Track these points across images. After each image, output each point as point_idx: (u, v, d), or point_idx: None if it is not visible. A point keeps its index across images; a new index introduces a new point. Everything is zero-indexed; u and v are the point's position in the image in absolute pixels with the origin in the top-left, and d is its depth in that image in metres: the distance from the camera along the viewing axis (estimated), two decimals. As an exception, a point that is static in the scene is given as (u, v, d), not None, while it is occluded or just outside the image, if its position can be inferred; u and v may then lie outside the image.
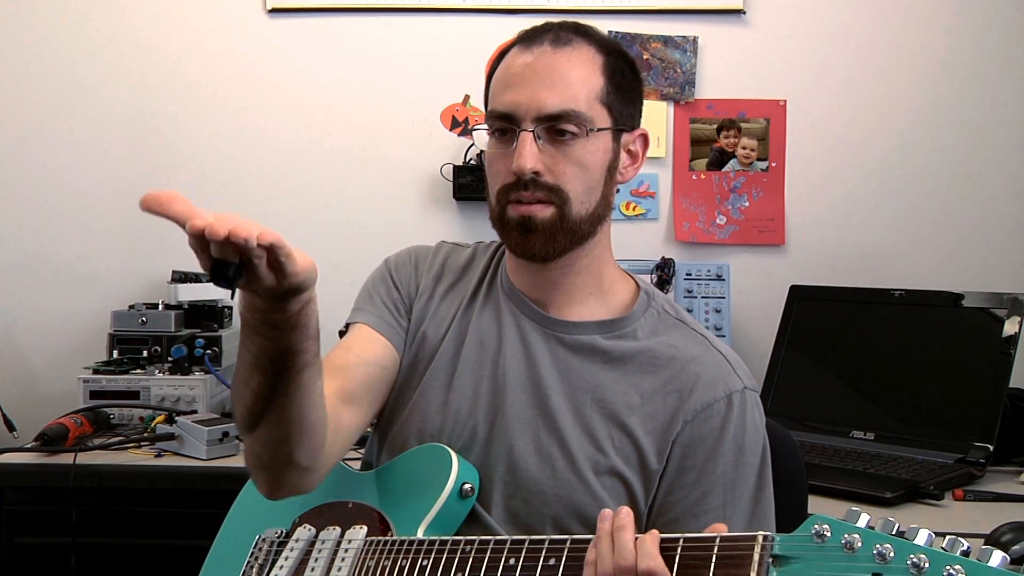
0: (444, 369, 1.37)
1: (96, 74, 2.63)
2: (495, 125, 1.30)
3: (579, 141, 1.27)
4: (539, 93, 1.25)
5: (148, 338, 2.39)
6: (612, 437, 1.29)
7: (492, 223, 1.33)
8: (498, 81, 1.31)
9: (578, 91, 1.27)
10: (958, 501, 1.88)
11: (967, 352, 2.17)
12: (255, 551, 1.39)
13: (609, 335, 1.33)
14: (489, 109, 1.32)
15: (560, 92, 1.26)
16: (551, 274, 1.33)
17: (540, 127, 1.26)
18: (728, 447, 1.27)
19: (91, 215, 2.64)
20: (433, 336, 1.40)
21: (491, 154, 1.32)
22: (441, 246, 1.49)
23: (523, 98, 1.26)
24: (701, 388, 1.29)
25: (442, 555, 1.20)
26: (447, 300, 1.42)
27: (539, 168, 1.25)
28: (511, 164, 1.26)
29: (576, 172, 1.27)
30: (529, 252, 1.29)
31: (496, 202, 1.30)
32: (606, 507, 1.12)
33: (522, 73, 1.27)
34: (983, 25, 2.62)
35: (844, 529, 0.92)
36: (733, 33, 2.64)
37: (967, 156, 2.64)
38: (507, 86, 1.28)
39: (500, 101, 1.29)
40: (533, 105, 1.25)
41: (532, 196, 1.26)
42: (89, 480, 2.01)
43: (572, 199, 1.27)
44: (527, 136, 1.25)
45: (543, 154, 1.26)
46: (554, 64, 1.27)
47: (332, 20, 2.65)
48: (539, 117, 1.25)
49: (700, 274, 2.53)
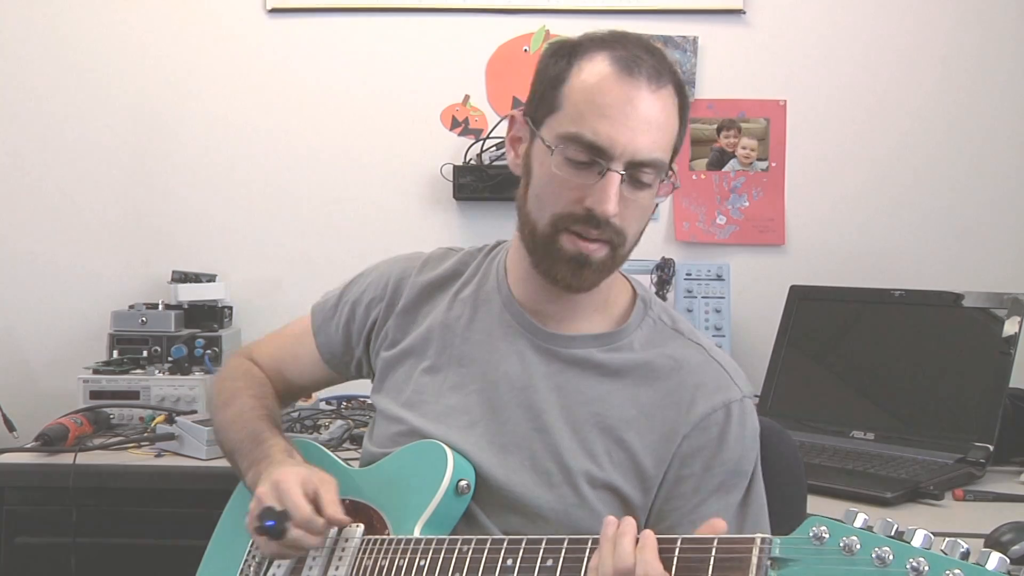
0: (430, 381, 1.37)
1: (95, 74, 2.63)
2: (577, 152, 1.22)
3: (650, 189, 1.25)
4: (639, 137, 1.20)
5: (148, 338, 2.39)
6: (609, 452, 1.28)
7: (529, 240, 1.29)
8: (588, 101, 1.22)
9: (666, 139, 1.24)
10: (958, 501, 1.87)
11: (967, 352, 2.17)
12: (252, 550, 1.39)
13: (605, 348, 1.32)
14: (575, 132, 1.21)
15: (654, 139, 1.22)
16: (565, 293, 1.31)
17: (627, 171, 1.22)
18: (727, 456, 1.27)
19: (91, 215, 2.64)
20: (413, 346, 1.40)
21: (559, 175, 1.23)
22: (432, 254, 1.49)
23: (623, 138, 1.20)
24: (700, 399, 1.29)
25: (439, 555, 1.20)
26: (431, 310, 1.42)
27: (618, 212, 1.22)
28: (583, 195, 1.22)
29: (639, 217, 1.26)
30: (577, 287, 1.27)
31: (549, 225, 1.25)
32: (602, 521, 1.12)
33: (623, 109, 1.21)
34: (983, 25, 2.62)
35: (843, 531, 0.92)
36: (733, 33, 2.64)
37: (967, 156, 2.64)
38: (603, 115, 1.21)
39: (594, 130, 1.20)
40: (630, 148, 1.20)
41: (599, 236, 1.24)
42: (89, 480, 2.00)
43: (628, 242, 1.27)
44: (616, 178, 1.20)
45: (621, 196, 1.22)
46: (653, 107, 1.22)
47: (332, 20, 2.65)
48: (632, 162, 1.21)
49: (700, 274, 2.53)
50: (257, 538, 1.27)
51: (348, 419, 2.28)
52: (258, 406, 1.47)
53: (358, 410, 2.38)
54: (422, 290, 1.44)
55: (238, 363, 1.59)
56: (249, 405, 1.47)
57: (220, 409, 1.51)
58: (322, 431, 2.21)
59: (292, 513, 1.24)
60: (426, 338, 1.40)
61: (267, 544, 1.26)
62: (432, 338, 1.39)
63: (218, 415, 1.51)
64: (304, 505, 1.24)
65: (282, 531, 1.23)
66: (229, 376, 1.56)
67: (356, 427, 2.24)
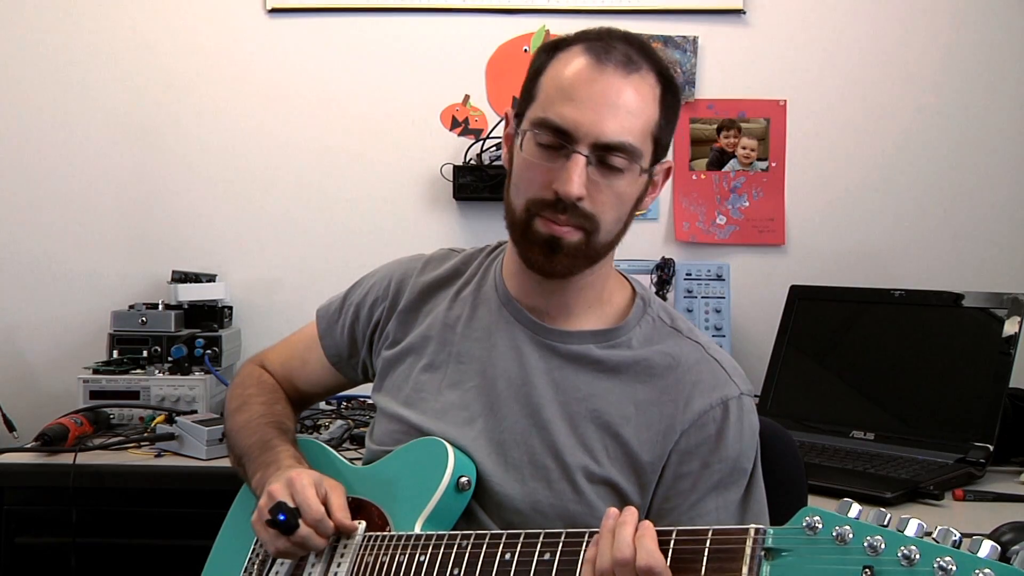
0: (430, 378, 1.37)
1: (95, 75, 2.64)
2: (545, 136, 1.23)
3: (626, 175, 1.24)
4: (603, 119, 1.21)
5: (148, 338, 2.39)
6: (607, 447, 1.28)
7: (509, 228, 1.30)
8: (556, 86, 1.24)
9: (637, 123, 1.23)
10: (958, 501, 1.87)
11: (967, 352, 2.17)
12: (256, 548, 1.39)
13: (604, 345, 1.33)
14: (542, 116, 1.23)
15: (622, 122, 1.22)
16: (554, 286, 1.32)
17: (594, 153, 1.22)
18: (725, 454, 1.27)
19: (91, 215, 2.64)
20: (415, 344, 1.40)
21: (529, 160, 1.25)
22: (433, 255, 1.49)
23: (586, 120, 1.21)
24: (697, 396, 1.29)
25: (439, 550, 1.20)
26: (433, 309, 1.42)
27: (583, 195, 1.22)
28: (551, 178, 1.22)
29: (613, 203, 1.25)
30: (549, 271, 1.27)
31: (524, 211, 1.26)
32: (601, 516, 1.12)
33: (588, 91, 1.21)
34: (983, 25, 2.62)
35: (835, 521, 0.92)
36: (733, 33, 2.64)
37: (967, 156, 2.64)
38: (568, 98, 1.22)
39: (559, 114, 1.22)
40: (594, 130, 1.21)
41: (567, 220, 1.24)
42: (89, 480, 2.00)
43: (602, 228, 1.26)
44: (580, 160, 1.21)
45: (589, 180, 1.22)
46: (622, 90, 1.22)
47: (332, 20, 2.65)
48: (596, 144, 1.21)
49: (700, 274, 2.53)
50: (264, 533, 1.27)
51: (348, 419, 2.29)
52: (268, 413, 1.49)
53: (358, 410, 2.38)
54: (423, 290, 1.44)
55: (250, 370, 1.60)
56: (259, 412, 1.48)
57: (231, 416, 1.52)
58: (322, 431, 2.21)
59: (304, 511, 1.25)
60: (426, 336, 1.40)
61: (274, 539, 1.26)
62: (432, 336, 1.40)
63: (229, 422, 1.53)
64: (317, 504, 1.25)
65: (293, 527, 1.23)
66: (241, 383, 1.58)
67: (356, 427, 2.24)
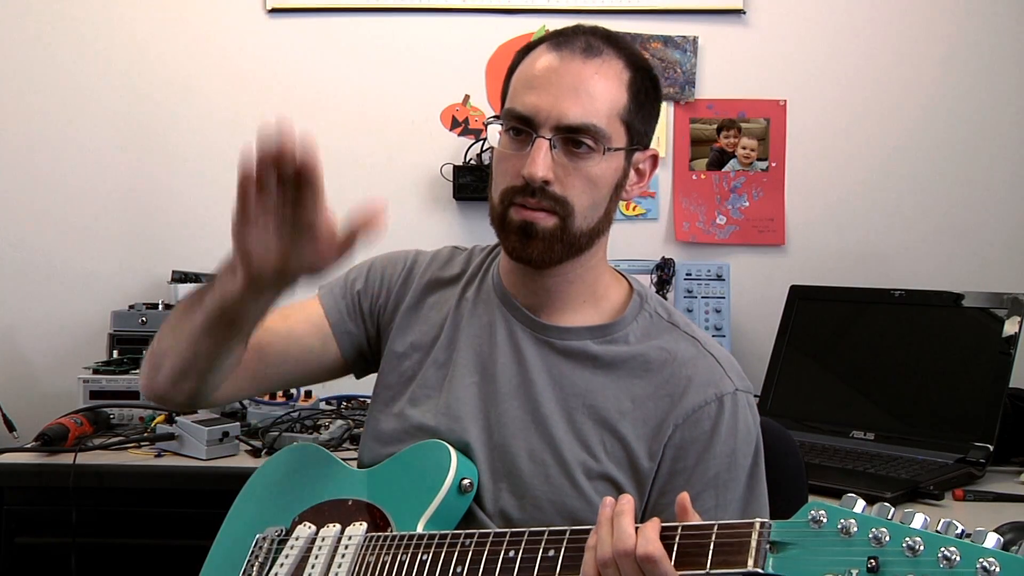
0: (435, 375, 1.37)
1: (95, 75, 2.64)
2: (511, 124, 1.27)
3: (593, 157, 1.25)
4: (562, 102, 1.23)
5: (148, 338, 2.35)
6: (604, 442, 1.29)
7: (491, 220, 1.32)
8: (521, 79, 1.28)
9: (601, 106, 1.24)
10: (958, 501, 1.87)
11: (967, 352, 2.17)
12: (255, 550, 1.39)
13: (600, 340, 1.33)
14: (507, 107, 1.28)
15: (583, 104, 1.23)
16: (545, 280, 1.33)
17: (557, 136, 1.23)
18: (719, 450, 1.27)
19: (91, 215, 2.64)
20: (422, 341, 1.40)
21: (502, 152, 1.29)
22: (439, 252, 1.49)
23: (545, 104, 1.23)
24: (692, 391, 1.29)
25: (442, 549, 1.20)
26: (439, 305, 1.42)
27: (550, 177, 1.23)
28: (521, 167, 1.24)
29: (585, 187, 1.26)
30: (526, 257, 1.28)
31: (499, 201, 1.28)
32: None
33: (548, 77, 1.25)
34: (983, 25, 2.62)
35: (840, 514, 0.93)
36: (733, 33, 2.64)
37: (967, 156, 2.64)
38: (530, 87, 1.25)
39: (521, 101, 1.25)
40: (554, 113, 1.23)
41: (537, 204, 1.25)
42: (89, 480, 2.00)
43: (576, 213, 1.26)
44: (543, 143, 1.23)
45: (556, 164, 1.24)
46: (582, 74, 1.24)
47: (332, 20, 2.65)
48: (558, 127, 1.23)
49: (700, 274, 2.53)
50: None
51: (348, 419, 2.28)
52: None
53: (358, 410, 2.38)
54: (430, 285, 1.44)
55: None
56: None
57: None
58: (322, 431, 2.21)
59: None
60: (431, 334, 1.40)
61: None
62: (437, 334, 1.40)
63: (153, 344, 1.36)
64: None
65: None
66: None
67: (356, 427, 2.23)
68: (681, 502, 1.07)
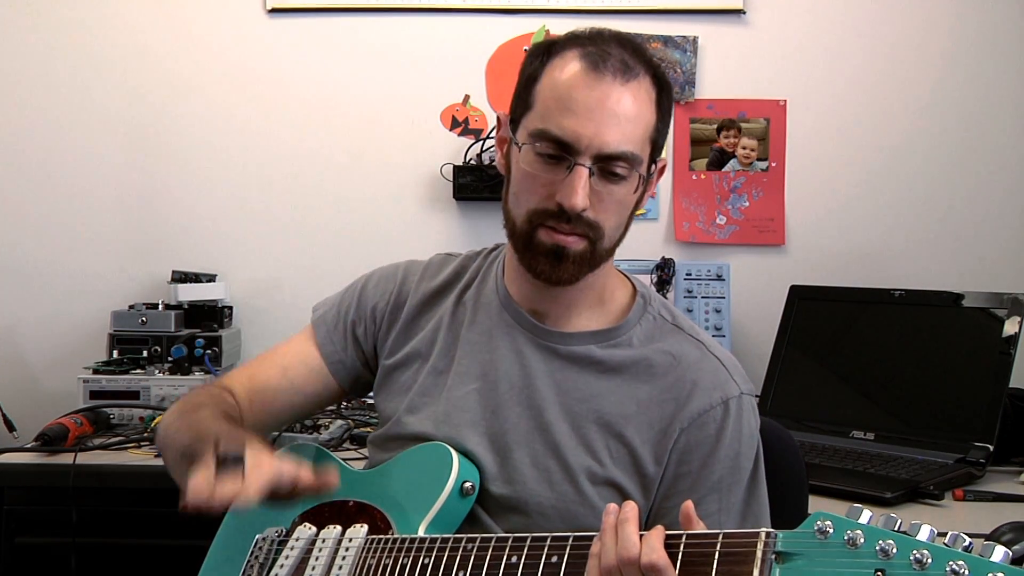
0: (433, 383, 1.37)
1: (95, 76, 2.63)
2: (545, 147, 1.23)
3: (626, 182, 1.24)
4: (605, 131, 1.20)
5: (148, 338, 2.39)
6: (609, 447, 1.28)
7: (511, 238, 1.30)
8: (555, 96, 1.23)
9: (636, 131, 1.23)
10: (958, 501, 1.87)
11: (967, 352, 2.17)
12: (255, 550, 1.39)
13: (604, 344, 1.33)
14: (542, 128, 1.23)
15: (623, 131, 1.21)
16: (556, 291, 1.32)
17: (596, 165, 1.22)
18: (724, 453, 1.27)
19: (91, 216, 2.64)
20: (419, 350, 1.40)
21: (530, 172, 1.24)
22: (431, 261, 1.49)
23: (587, 132, 1.20)
24: (697, 395, 1.28)
25: (443, 553, 1.19)
26: (436, 314, 1.42)
27: (588, 206, 1.22)
28: (553, 190, 1.22)
29: (615, 210, 1.26)
30: (556, 279, 1.27)
31: (526, 221, 1.26)
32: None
33: (587, 103, 1.21)
34: (983, 25, 2.62)
35: (847, 526, 0.92)
36: (733, 33, 2.64)
37: (967, 156, 2.64)
38: (568, 110, 1.21)
39: (558, 124, 1.21)
40: (596, 142, 1.21)
41: (571, 230, 1.24)
42: (89, 480, 2.00)
43: (605, 235, 1.26)
44: (583, 172, 1.21)
45: (591, 190, 1.22)
46: (621, 100, 1.22)
47: (332, 20, 2.65)
48: (599, 155, 1.21)
49: (700, 274, 2.53)
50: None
51: (348, 419, 2.28)
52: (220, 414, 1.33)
53: (358, 410, 2.38)
54: (424, 297, 1.44)
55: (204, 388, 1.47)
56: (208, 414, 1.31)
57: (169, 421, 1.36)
58: (322, 431, 2.21)
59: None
60: (428, 342, 1.40)
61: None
62: (434, 341, 1.40)
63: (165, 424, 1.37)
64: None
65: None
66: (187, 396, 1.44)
67: (356, 427, 2.24)
68: (685, 510, 1.07)
